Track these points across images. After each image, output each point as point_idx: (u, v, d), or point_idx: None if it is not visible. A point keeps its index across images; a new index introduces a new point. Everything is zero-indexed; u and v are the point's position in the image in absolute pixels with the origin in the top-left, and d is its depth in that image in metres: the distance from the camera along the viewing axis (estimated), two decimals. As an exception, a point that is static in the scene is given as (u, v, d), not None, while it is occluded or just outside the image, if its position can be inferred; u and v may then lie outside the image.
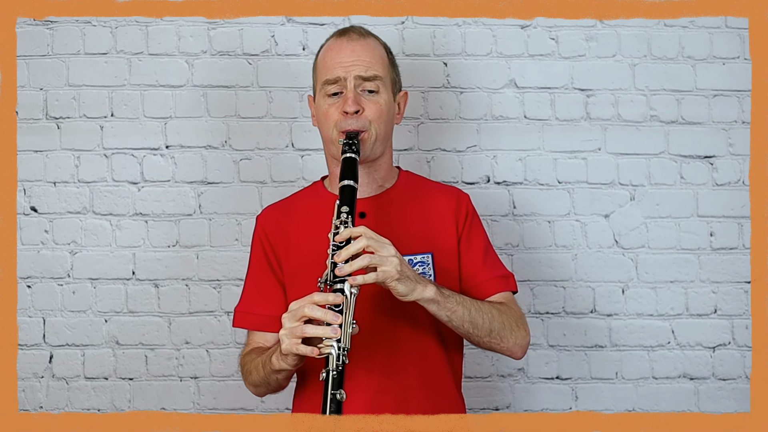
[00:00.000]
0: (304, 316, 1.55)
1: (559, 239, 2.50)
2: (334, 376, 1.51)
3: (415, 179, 1.97)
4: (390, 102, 1.84)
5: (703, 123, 2.51)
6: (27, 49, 2.47)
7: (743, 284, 2.49)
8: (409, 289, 1.61)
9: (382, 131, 1.82)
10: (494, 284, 1.85)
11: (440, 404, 1.78)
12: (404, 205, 1.87)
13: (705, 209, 2.50)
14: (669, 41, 2.51)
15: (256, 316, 1.86)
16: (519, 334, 1.79)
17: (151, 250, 2.47)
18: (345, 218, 1.62)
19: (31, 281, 2.46)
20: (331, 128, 1.81)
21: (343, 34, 1.85)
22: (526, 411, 2.47)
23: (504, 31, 2.50)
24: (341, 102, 1.79)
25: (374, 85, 1.80)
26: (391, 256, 1.58)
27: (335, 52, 1.82)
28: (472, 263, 1.86)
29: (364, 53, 1.81)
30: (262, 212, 1.96)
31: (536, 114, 2.50)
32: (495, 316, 1.75)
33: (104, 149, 2.48)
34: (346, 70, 1.79)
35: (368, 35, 1.86)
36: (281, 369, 1.65)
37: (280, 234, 1.87)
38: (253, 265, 1.91)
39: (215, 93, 2.49)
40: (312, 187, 1.99)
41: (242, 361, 1.86)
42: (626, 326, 2.49)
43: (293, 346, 1.55)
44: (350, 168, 1.70)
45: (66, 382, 2.46)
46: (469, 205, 1.92)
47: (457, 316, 1.69)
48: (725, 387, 2.49)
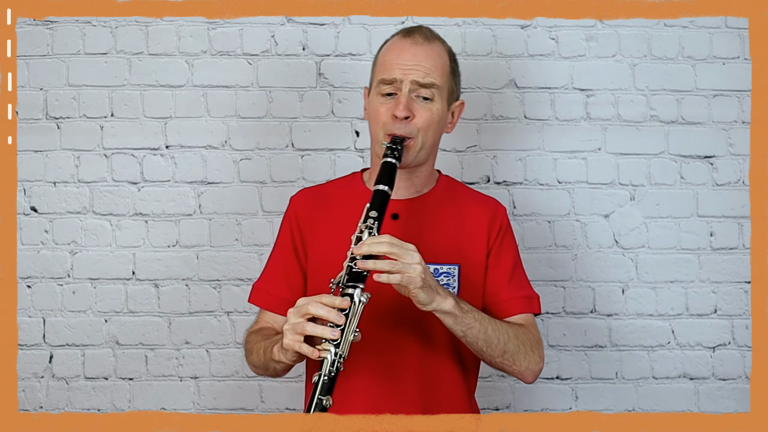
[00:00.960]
0: (308, 313, 1.53)
1: (559, 239, 2.49)
2: (324, 381, 1.50)
3: (454, 185, 1.93)
4: (443, 111, 1.80)
5: (703, 123, 2.51)
6: (27, 49, 2.47)
7: (743, 284, 2.49)
8: (429, 298, 1.59)
9: (429, 140, 1.78)
10: (517, 305, 1.82)
11: (445, 406, 1.77)
12: (438, 213, 1.84)
13: (705, 209, 2.50)
14: (669, 41, 2.51)
15: (272, 297, 1.85)
16: (533, 359, 1.76)
17: (151, 250, 2.47)
18: (371, 224, 1.59)
19: (31, 281, 2.46)
20: (378, 128, 1.77)
21: (409, 34, 1.80)
22: (526, 411, 2.47)
23: (504, 31, 2.50)
24: (393, 104, 1.75)
25: (429, 93, 1.76)
26: (415, 263, 1.55)
27: (397, 52, 1.77)
28: (497, 280, 1.83)
29: (426, 59, 1.76)
30: (297, 194, 1.93)
31: (536, 114, 2.50)
32: (511, 338, 1.72)
33: (104, 149, 2.48)
34: (404, 73, 1.74)
35: (434, 39, 1.81)
36: (280, 361, 1.64)
37: (311, 220, 1.85)
38: (279, 245, 1.89)
39: (215, 93, 2.49)
40: (350, 179, 1.94)
41: (248, 338, 1.84)
42: (626, 326, 2.49)
43: (295, 342, 1.54)
44: (388, 173, 1.67)
45: (66, 382, 2.46)
46: (504, 219, 1.88)
47: (473, 332, 1.67)
48: (725, 387, 2.49)
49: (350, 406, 1.69)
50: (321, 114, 2.48)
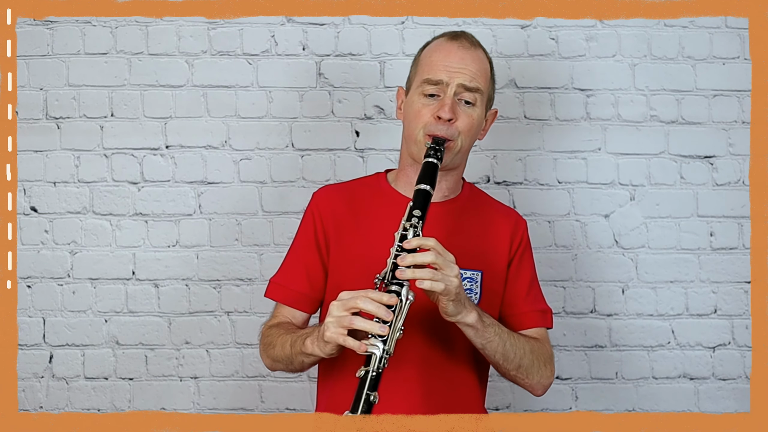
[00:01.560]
0: (356, 307, 1.53)
1: (559, 239, 2.49)
2: (372, 377, 1.50)
3: (478, 194, 1.95)
4: (481, 117, 1.81)
5: (703, 123, 2.51)
6: (27, 49, 2.47)
7: (743, 284, 2.49)
8: (457, 310, 1.61)
9: (467, 144, 1.79)
10: (533, 318, 1.85)
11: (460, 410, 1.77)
12: (463, 218, 1.85)
13: (705, 209, 2.50)
14: (669, 41, 2.51)
15: (291, 291, 1.83)
16: (545, 373, 1.79)
17: (151, 250, 2.47)
18: (415, 222, 1.60)
19: (31, 281, 2.46)
20: (418, 128, 1.77)
21: (455, 38, 1.81)
22: (526, 411, 2.47)
23: (504, 31, 2.50)
24: (437, 106, 1.75)
25: (473, 97, 1.77)
26: (453, 276, 1.57)
27: (444, 54, 1.78)
28: (516, 291, 1.85)
29: (472, 63, 1.77)
30: (321, 190, 1.91)
31: (536, 114, 2.50)
32: (526, 353, 1.75)
33: (104, 149, 2.48)
34: (450, 75, 1.75)
35: (478, 46, 1.82)
36: (313, 354, 1.62)
37: (335, 217, 1.84)
38: (301, 239, 1.87)
39: (215, 93, 2.49)
40: (374, 179, 1.93)
41: (266, 332, 1.81)
42: (626, 326, 2.49)
43: (339, 336, 1.53)
44: (430, 173, 1.67)
45: (66, 382, 2.46)
46: (525, 232, 1.91)
47: (492, 346, 1.69)
48: (725, 387, 2.49)
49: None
50: (321, 114, 2.48)
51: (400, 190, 1.86)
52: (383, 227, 1.75)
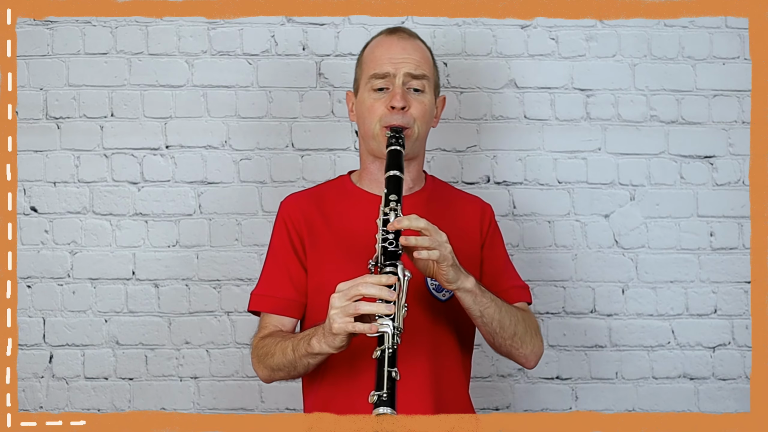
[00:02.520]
0: (358, 294, 1.54)
1: (559, 239, 2.49)
2: (390, 354, 1.51)
3: (441, 184, 1.99)
4: (432, 103, 1.86)
5: (703, 123, 2.51)
6: (27, 49, 2.47)
7: (743, 284, 2.49)
8: (456, 276, 1.63)
9: (423, 131, 1.84)
10: (516, 293, 1.89)
11: (453, 405, 1.79)
12: (432, 208, 1.87)
13: (705, 209, 2.50)
14: (669, 41, 2.51)
15: (276, 299, 1.83)
16: (536, 342, 1.82)
17: (151, 250, 2.47)
18: (394, 206, 1.63)
19: (31, 281, 2.46)
20: (374, 123, 1.81)
21: (393, 32, 1.86)
22: (526, 411, 2.47)
23: (504, 31, 2.50)
24: (388, 97, 1.80)
25: (421, 84, 1.81)
26: (445, 242, 1.61)
27: (386, 47, 1.83)
28: (494, 271, 1.88)
29: (414, 52, 1.83)
30: (287, 198, 1.94)
31: (536, 114, 2.50)
32: (520, 321, 1.78)
33: (104, 149, 2.48)
34: (395, 66, 1.79)
35: (416, 37, 1.88)
36: (321, 352, 1.63)
37: (306, 221, 1.85)
38: (277, 247, 1.88)
39: (215, 93, 2.49)
40: (338, 181, 1.97)
41: (259, 343, 1.81)
42: (626, 326, 2.49)
43: (348, 324, 1.54)
44: (396, 160, 1.71)
45: (66, 382, 2.46)
46: (492, 216, 1.96)
47: (489, 313, 1.71)
48: (725, 387, 2.49)
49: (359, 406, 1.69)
50: (321, 114, 2.48)
51: (366, 188, 1.89)
52: (355, 226, 1.79)
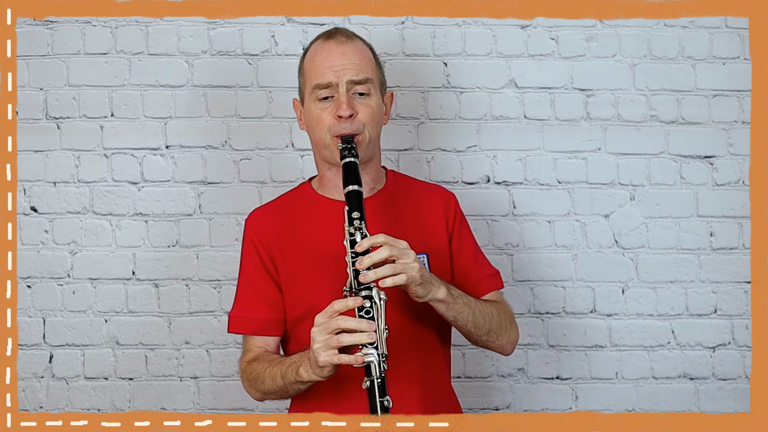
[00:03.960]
0: (338, 328, 1.55)
1: (559, 239, 2.49)
2: (378, 383, 1.53)
3: (403, 179, 1.98)
4: (380, 103, 1.85)
5: (703, 123, 2.51)
6: (27, 49, 2.47)
7: (743, 284, 2.49)
8: (426, 290, 1.65)
9: (374, 133, 1.83)
10: (487, 283, 1.90)
11: (440, 398, 1.81)
12: (396, 206, 1.87)
13: (705, 209, 2.50)
14: (669, 41, 2.51)
15: (255, 321, 1.83)
16: (512, 332, 1.86)
17: (151, 250, 2.47)
18: (358, 225, 1.62)
19: (31, 281, 2.46)
20: (324, 132, 1.80)
21: (330, 37, 1.83)
22: (526, 411, 2.47)
23: (504, 31, 2.50)
24: (334, 106, 1.78)
25: (365, 88, 1.80)
26: (412, 262, 1.61)
27: (324, 55, 1.80)
28: (464, 263, 1.89)
29: (354, 56, 1.80)
30: (251, 215, 1.92)
31: (536, 114, 2.50)
32: (494, 317, 1.80)
33: (104, 149, 2.48)
34: (337, 74, 1.78)
35: (354, 37, 1.85)
36: (311, 381, 1.64)
37: (273, 236, 1.85)
38: (247, 268, 1.87)
39: (215, 93, 2.49)
40: (299, 190, 1.96)
41: (247, 368, 1.81)
42: (626, 326, 2.49)
43: (333, 356, 1.55)
44: (353, 172, 1.70)
45: (66, 382, 2.46)
46: (456, 205, 1.95)
47: (463, 317, 1.73)
48: (725, 387, 2.49)
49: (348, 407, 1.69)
50: (321, 114, 2.48)
51: (327, 194, 1.88)
52: (321, 234, 1.80)
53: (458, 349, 2.43)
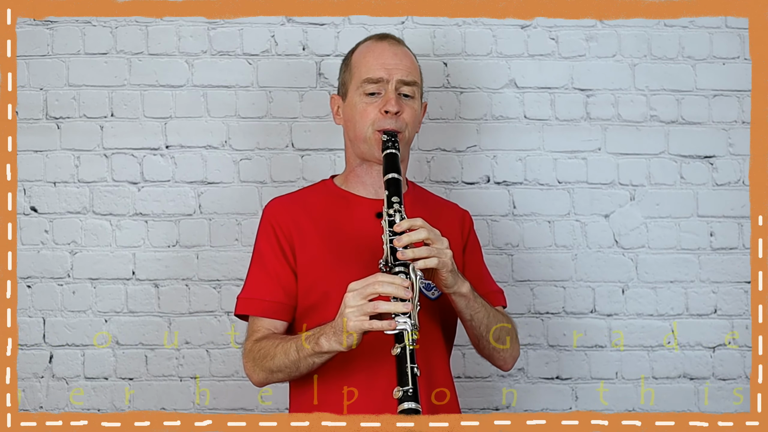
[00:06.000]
0: (374, 293, 1.57)
1: (559, 239, 2.50)
2: (411, 350, 1.55)
3: (422, 191, 2.04)
4: (420, 109, 1.91)
5: (703, 123, 2.51)
6: (27, 49, 2.47)
7: (743, 284, 2.49)
8: (454, 281, 1.69)
9: (412, 135, 1.90)
10: (495, 297, 1.95)
11: (441, 401, 1.81)
12: (416, 212, 1.86)
13: (705, 209, 2.50)
14: (669, 41, 2.51)
15: (267, 303, 1.82)
16: (515, 346, 1.91)
17: (151, 250, 2.47)
18: (398, 207, 1.68)
19: (31, 281, 2.46)
20: (366, 126, 1.84)
21: (383, 38, 1.90)
22: (526, 411, 2.47)
23: (504, 31, 2.50)
24: (381, 102, 1.83)
25: (411, 90, 1.86)
26: (446, 248, 1.66)
27: (377, 53, 1.87)
28: (473, 275, 1.91)
29: (405, 58, 1.88)
30: (271, 202, 1.93)
31: (536, 114, 2.50)
32: (504, 325, 1.84)
33: (104, 149, 2.48)
34: (389, 72, 1.83)
35: (404, 43, 1.93)
36: (330, 351, 1.64)
37: (294, 222, 1.86)
38: (264, 251, 1.86)
39: (215, 93, 2.49)
40: (321, 185, 1.98)
41: (254, 347, 1.79)
42: (626, 326, 2.49)
43: (364, 322, 1.57)
44: (393, 162, 1.75)
45: (66, 382, 2.46)
46: (472, 223, 2.01)
47: (479, 317, 1.77)
48: (725, 387, 2.49)
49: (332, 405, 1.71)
50: (321, 114, 2.48)
51: (352, 191, 1.91)
52: (341, 225, 1.83)
53: (458, 349, 2.43)
